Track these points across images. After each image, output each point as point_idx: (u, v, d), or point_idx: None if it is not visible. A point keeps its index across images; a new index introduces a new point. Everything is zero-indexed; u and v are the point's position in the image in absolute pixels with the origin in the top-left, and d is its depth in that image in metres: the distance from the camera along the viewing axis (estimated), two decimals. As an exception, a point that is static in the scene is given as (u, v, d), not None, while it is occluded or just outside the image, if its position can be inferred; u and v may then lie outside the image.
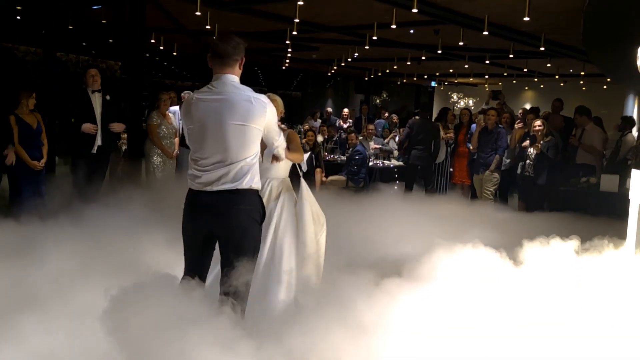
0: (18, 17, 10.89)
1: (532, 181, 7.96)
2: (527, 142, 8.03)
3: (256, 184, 3.34)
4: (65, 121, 6.76)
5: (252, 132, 3.26)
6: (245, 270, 3.23)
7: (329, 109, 17.90)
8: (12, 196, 6.10)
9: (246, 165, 3.27)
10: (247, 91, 3.32)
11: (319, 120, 14.96)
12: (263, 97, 3.34)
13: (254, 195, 3.34)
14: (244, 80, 3.55)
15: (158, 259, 4.37)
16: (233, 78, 3.32)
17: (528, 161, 8.00)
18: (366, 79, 20.72)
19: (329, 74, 20.60)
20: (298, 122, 15.88)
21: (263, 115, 3.28)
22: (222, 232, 3.29)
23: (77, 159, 6.86)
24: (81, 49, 15.41)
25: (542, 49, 10.23)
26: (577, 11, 7.70)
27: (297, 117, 19.28)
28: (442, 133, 9.57)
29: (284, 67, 18.36)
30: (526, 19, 7.54)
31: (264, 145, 3.55)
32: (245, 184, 3.26)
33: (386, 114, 15.39)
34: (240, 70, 3.39)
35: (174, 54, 15.35)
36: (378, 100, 24.36)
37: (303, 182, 4.21)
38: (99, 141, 6.85)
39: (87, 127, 6.66)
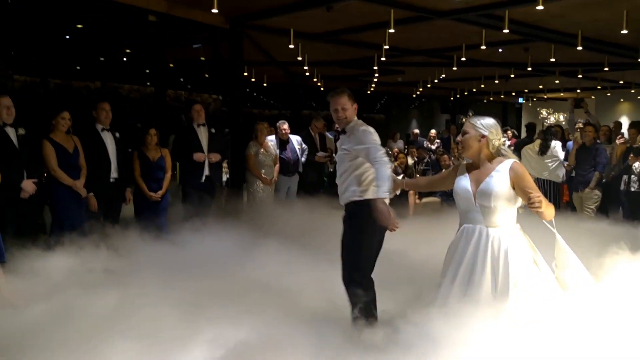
0: (124, 59, 11.80)
1: (636, 196, 7.70)
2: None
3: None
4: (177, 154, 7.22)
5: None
6: None
7: (416, 130, 17.91)
8: (135, 223, 6.58)
9: None
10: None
11: (400, 141, 15.00)
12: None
13: None
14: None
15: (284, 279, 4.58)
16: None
17: (633, 176, 7.76)
18: (452, 98, 20.63)
19: (414, 95, 20.67)
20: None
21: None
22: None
23: (187, 189, 7.30)
24: (178, 84, 16.36)
25: (640, 60, 9.95)
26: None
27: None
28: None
29: (369, 92, 18.64)
30: (624, 32, 7.40)
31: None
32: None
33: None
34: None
35: (264, 84, 15.97)
36: (464, 119, 24.13)
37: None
38: (206, 171, 7.25)
39: (198, 156, 7.10)
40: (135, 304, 4.16)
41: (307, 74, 13.39)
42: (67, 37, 9.70)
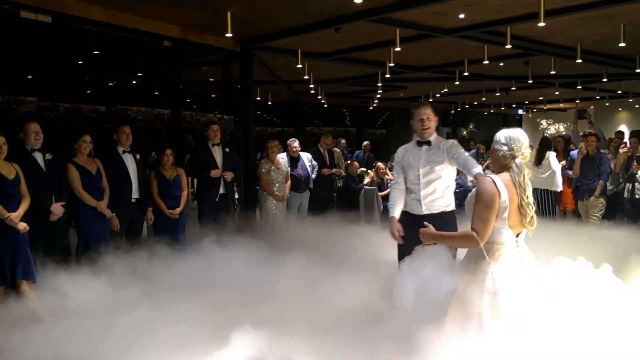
0: (134, 82, 12.06)
1: (641, 204, 7.93)
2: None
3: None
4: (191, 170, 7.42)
5: None
6: None
7: (418, 145, 18.06)
8: (154, 241, 6.75)
9: None
10: None
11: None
12: None
13: None
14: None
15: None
16: None
17: (637, 184, 7.98)
18: (452, 111, 20.88)
19: (415, 110, 20.88)
20: (384, 159, 15.97)
21: None
22: None
23: (203, 207, 7.49)
24: (184, 105, 16.61)
25: (638, 70, 10.18)
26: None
27: (383, 155, 19.58)
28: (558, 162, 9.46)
29: (370, 108, 18.90)
30: (622, 44, 7.65)
31: None
32: None
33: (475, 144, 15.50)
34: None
35: (269, 103, 16.22)
36: (465, 132, 24.38)
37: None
38: (221, 189, 7.46)
39: (215, 172, 7.30)
40: (166, 315, 4.34)
41: (312, 91, 13.65)
42: (80, 62, 9.97)
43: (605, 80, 11.69)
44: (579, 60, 9.05)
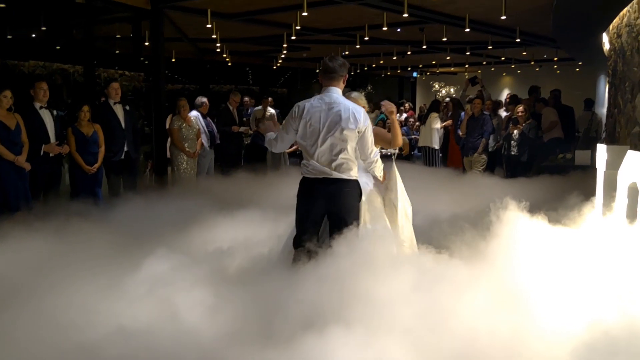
0: (33, 35, 11.70)
1: (516, 159, 9.07)
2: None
3: (355, 175, 4.12)
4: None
5: (352, 134, 4.01)
6: None
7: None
8: (72, 196, 6.96)
9: (347, 160, 4.05)
10: (349, 102, 4.07)
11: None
12: (360, 109, 4.08)
13: (354, 182, 4.13)
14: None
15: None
16: (337, 90, 4.09)
17: (512, 142, 9.10)
18: (352, 73, 21.63)
19: (317, 70, 21.44)
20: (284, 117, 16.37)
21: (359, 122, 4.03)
22: (335, 210, 4.07)
23: (108, 165, 7.45)
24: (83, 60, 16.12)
25: (517, 40, 11.30)
26: (547, 6, 8.75)
27: (283, 113, 19.97)
28: (439, 122, 10.67)
29: (274, 67, 19.23)
30: (503, 17, 8.57)
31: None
32: (347, 174, 4.07)
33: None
34: (344, 84, 4.14)
35: (173, 60, 16.14)
36: (363, 93, 25.31)
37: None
38: (125, 147, 7.59)
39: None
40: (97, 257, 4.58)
41: (218, 50, 13.83)
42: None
43: (490, 47, 12.79)
44: (467, 30, 9.95)
